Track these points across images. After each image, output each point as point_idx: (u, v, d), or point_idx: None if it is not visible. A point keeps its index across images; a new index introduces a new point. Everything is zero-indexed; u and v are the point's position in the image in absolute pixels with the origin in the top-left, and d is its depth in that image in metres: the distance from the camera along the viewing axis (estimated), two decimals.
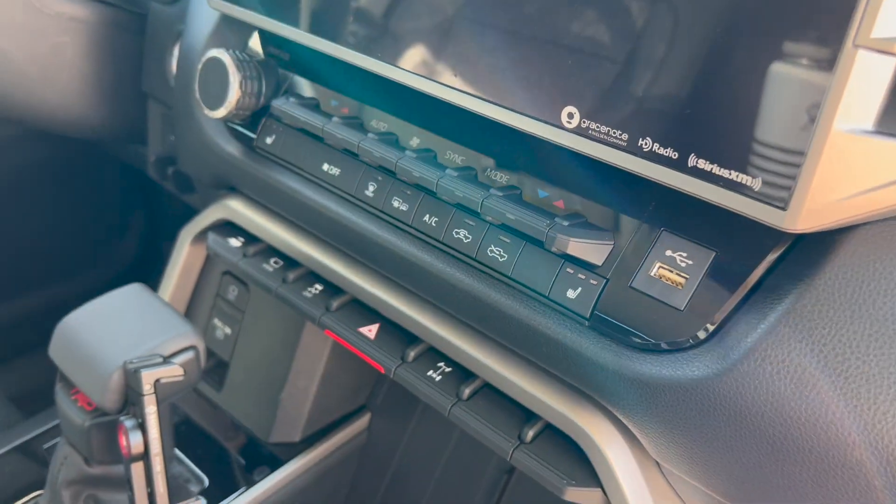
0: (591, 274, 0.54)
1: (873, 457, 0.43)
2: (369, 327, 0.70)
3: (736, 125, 0.44)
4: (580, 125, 0.51)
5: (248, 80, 0.72)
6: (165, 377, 0.62)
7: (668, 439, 0.52)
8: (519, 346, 0.59)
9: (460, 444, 0.85)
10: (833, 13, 0.40)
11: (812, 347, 0.45)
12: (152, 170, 1.05)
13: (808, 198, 0.42)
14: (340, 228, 0.68)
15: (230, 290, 0.87)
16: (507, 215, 0.55)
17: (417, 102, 0.63)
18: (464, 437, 0.85)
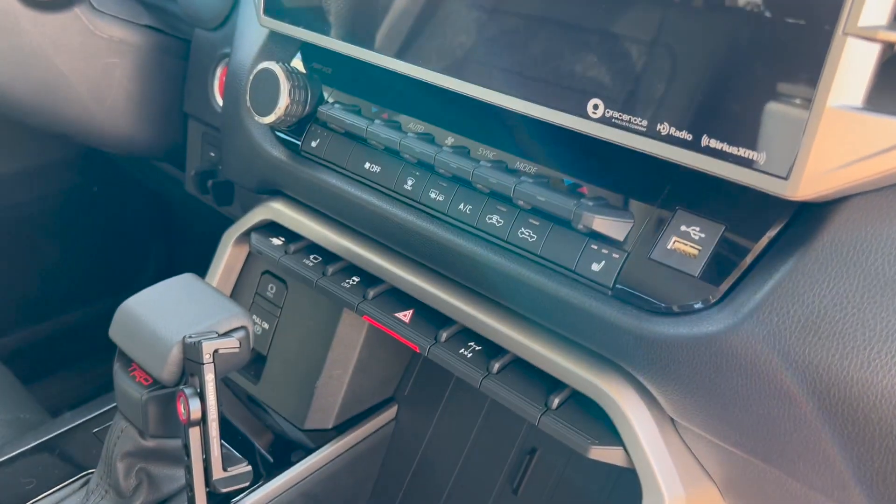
0: (613, 248, 0.60)
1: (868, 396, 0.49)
2: (404, 313, 0.76)
3: (742, 107, 0.51)
4: (605, 115, 0.58)
5: (296, 90, 0.79)
6: (223, 348, 0.67)
7: (684, 395, 0.58)
8: (547, 318, 0.65)
9: (483, 430, 0.90)
10: (825, 6, 0.47)
11: (813, 300, 0.51)
12: (192, 184, 1.12)
13: (806, 168, 0.49)
14: (381, 221, 0.75)
15: (269, 287, 0.93)
16: (537, 197, 0.62)
17: (451, 103, 0.70)
18: (486, 425, 0.90)
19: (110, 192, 1.76)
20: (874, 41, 0.46)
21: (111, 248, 1.79)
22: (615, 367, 0.63)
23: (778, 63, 0.49)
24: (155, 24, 1.10)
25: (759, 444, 0.57)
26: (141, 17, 1.09)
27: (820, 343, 0.50)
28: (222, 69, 1.06)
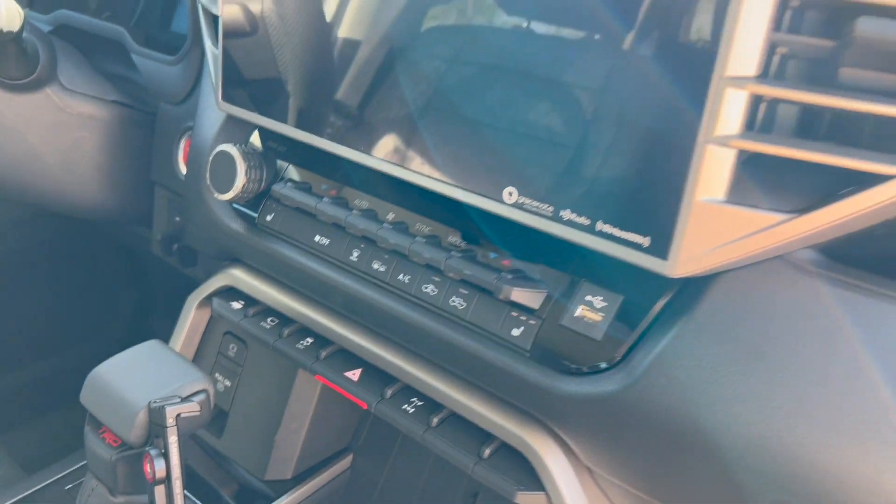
0: (530, 315, 0.68)
1: (737, 443, 0.57)
2: (353, 372, 0.84)
3: (629, 199, 0.60)
4: (518, 201, 0.66)
5: (252, 169, 0.87)
6: (185, 412, 0.74)
7: (594, 446, 0.66)
8: (476, 377, 0.73)
9: (431, 476, 0.97)
10: (688, 119, 0.56)
11: (692, 363, 0.59)
12: (158, 247, 1.19)
13: (681, 251, 0.58)
14: (330, 289, 0.83)
15: (230, 347, 1.00)
16: (464, 271, 0.70)
17: (393, 183, 0.78)
18: (434, 471, 0.97)
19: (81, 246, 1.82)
20: (729, 147, 0.55)
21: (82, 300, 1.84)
22: (538, 421, 0.71)
23: (657, 164, 0.58)
24: (122, 99, 1.18)
25: (664, 490, 0.65)
26: (108, 94, 1.16)
27: (697, 401, 0.58)
28: (186, 140, 1.13)
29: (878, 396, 0.53)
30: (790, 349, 0.56)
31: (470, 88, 0.68)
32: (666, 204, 0.58)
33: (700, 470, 0.60)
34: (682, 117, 0.56)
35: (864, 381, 0.54)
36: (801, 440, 0.55)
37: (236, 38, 0.87)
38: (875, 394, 0.53)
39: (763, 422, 0.57)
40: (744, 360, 0.58)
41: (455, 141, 0.69)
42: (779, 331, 0.57)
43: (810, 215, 0.55)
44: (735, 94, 0.54)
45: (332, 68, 0.78)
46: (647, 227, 0.59)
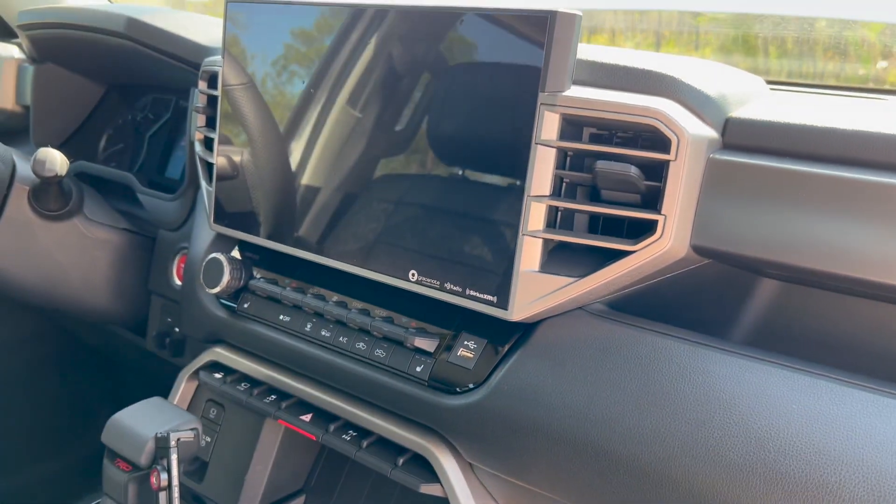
0: (428, 357, 1.00)
1: (554, 428, 0.88)
2: (306, 416, 1.13)
3: (485, 273, 0.94)
4: (418, 279, 1.00)
5: (235, 270, 1.20)
6: (184, 437, 1.03)
7: (471, 445, 0.96)
8: (392, 405, 1.03)
9: None
10: (514, 221, 0.91)
11: (525, 377, 0.91)
12: (152, 342, 1.49)
13: (515, 303, 0.91)
14: (290, 353, 1.14)
15: (211, 411, 1.28)
16: (383, 329, 1.02)
17: (333, 276, 1.12)
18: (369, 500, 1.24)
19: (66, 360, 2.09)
20: (536, 237, 0.91)
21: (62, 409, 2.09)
22: (435, 433, 1.01)
23: (499, 251, 0.93)
24: (129, 227, 1.52)
25: (521, 471, 0.95)
26: (120, 223, 1.50)
27: (529, 400, 0.90)
28: (179, 258, 1.46)
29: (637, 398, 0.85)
30: (582, 363, 0.89)
31: (381, 202, 1.04)
32: (505, 274, 0.92)
33: (537, 451, 0.91)
34: (511, 221, 0.92)
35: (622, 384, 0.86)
36: (592, 424, 0.86)
37: (224, 179, 1.22)
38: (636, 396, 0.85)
39: (565, 411, 0.88)
40: (554, 370, 0.90)
41: (375, 238, 1.04)
42: (577, 352, 0.90)
43: (588, 277, 0.89)
44: (537, 206, 0.90)
45: (291, 199, 1.13)
46: (495, 290, 0.93)
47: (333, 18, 1.07)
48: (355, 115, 1.06)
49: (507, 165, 0.92)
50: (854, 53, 1.61)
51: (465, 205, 0.96)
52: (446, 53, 0.97)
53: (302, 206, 1.12)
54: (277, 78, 1.15)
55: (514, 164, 0.91)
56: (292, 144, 1.13)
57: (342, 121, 1.07)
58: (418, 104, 0.99)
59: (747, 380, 0.82)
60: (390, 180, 1.03)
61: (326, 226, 1.09)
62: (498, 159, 0.93)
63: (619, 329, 0.90)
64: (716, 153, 0.88)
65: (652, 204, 0.88)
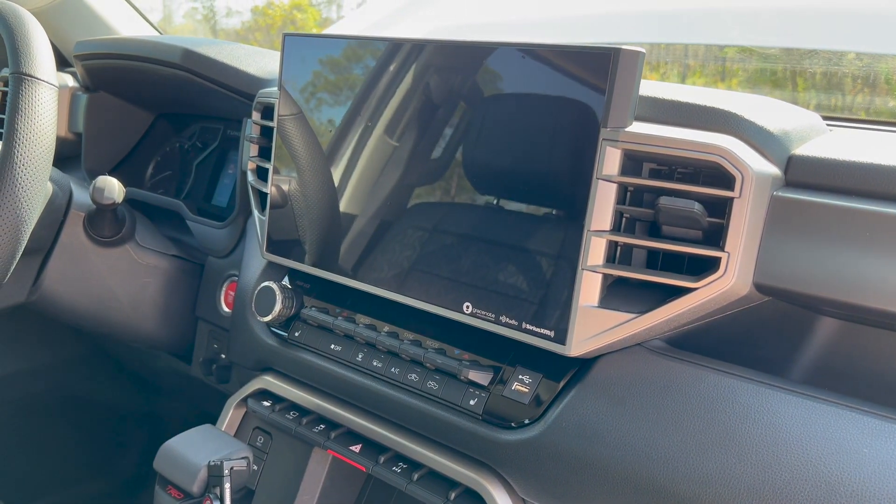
0: (481, 390, 1.00)
1: (614, 466, 0.87)
2: (356, 446, 1.13)
3: (542, 307, 0.94)
4: (472, 311, 1.00)
5: (286, 299, 1.21)
6: (237, 466, 1.03)
7: (526, 480, 0.95)
8: (444, 437, 1.03)
9: None
10: (572, 256, 0.91)
11: (584, 413, 0.91)
12: (198, 368, 1.50)
13: (574, 338, 0.91)
14: (340, 383, 1.14)
15: (258, 438, 1.28)
16: (436, 360, 1.02)
17: (386, 307, 1.12)
18: None
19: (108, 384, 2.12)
20: (596, 272, 0.90)
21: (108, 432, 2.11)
22: (488, 469, 1.00)
23: (557, 285, 0.93)
24: (179, 253, 1.54)
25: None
26: (170, 249, 1.52)
27: (585, 439, 0.89)
28: (228, 285, 1.48)
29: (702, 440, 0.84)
30: (643, 401, 0.88)
31: (437, 235, 1.04)
32: (563, 309, 0.92)
33: (595, 490, 0.90)
34: (570, 255, 0.92)
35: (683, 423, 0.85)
36: (654, 463, 0.85)
37: (275, 208, 1.24)
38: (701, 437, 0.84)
39: (625, 450, 0.87)
40: (614, 408, 0.89)
41: (429, 269, 1.04)
42: (637, 389, 0.89)
43: (649, 314, 0.88)
44: (597, 241, 0.90)
45: (343, 228, 1.14)
46: (553, 324, 0.93)
47: (391, 54, 1.09)
48: (412, 146, 1.07)
49: (566, 199, 0.92)
50: (884, 86, 1.62)
51: (521, 238, 0.96)
52: (506, 87, 0.98)
53: (354, 236, 1.13)
54: (327, 109, 1.17)
55: (573, 199, 0.91)
56: (344, 174, 1.14)
57: (395, 151, 1.09)
58: (478, 138, 1.00)
59: (815, 421, 0.80)
60: (444, 212, 1.04)
61: (378, 255, 1.10)
62: (557, 193, 0.93)
63: (679, 367, 0.89)
64: (779, 191, 0.87)
65: (714, 241, 0.87)
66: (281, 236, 1.24)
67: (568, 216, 0.92)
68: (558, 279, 0.93)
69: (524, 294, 0.95)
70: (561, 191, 0.93)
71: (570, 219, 0.91)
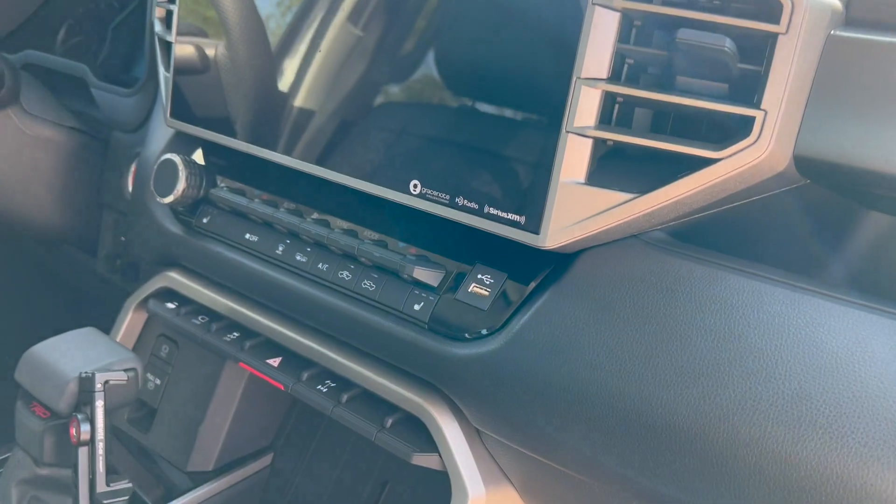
0: (430, 292, 0.78)
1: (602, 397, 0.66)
2: (275, 360, 0.91)
3: (508, 184, 0.71)
4: (421, 191, 0.77)
5: (192, 176, 0.96)
6: (113, 380, 0.81)
7: (480, 407, 0.75)
8: (382, 351, 0.81)
9: (344, 471, 1.03)
10: (552, 112, 0.68)
11: (559, 320, 0.69)
12: (102, 264, 1.26)
13: (550, 225, 0.68)
14: (258, 281, 0.91)
15: (162, 348, 1.06)
16: (374, 255, 0.80)
17: (315, 187, 0.88)
18: (347, 467, 1.03)
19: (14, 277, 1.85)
20: (586, 137, 0.67)
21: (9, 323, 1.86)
22: (435, 390, 0.79)
23: (530, 154, 0.70)
24: (78, 126, 1.27)
25: (539, 444, 0.73)
26: (66, 120, 1.26)
27: (559, 355, 0.68)
28: (136, 165, 1.22)
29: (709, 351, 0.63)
30: (638, 307, 0.67)
31: (377, 101, 0.80)
32: (537, 187, 0.69)
33: (569, 419, 0.69)
34: (550, 113, 0.68)
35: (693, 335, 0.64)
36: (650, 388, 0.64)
37: (190, 71, 0.98)
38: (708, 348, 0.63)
39: (611, 370, 0.66)
40: (599, 316, 0.68)
41: (367, 142, 0.80)
42: (629, 294, 0.67)
43: (652, 194, 0.66)
44: (590, 92, 0.66)
45: (262, 88, 0.89)
46: (523, 207, 0.70)
47: None
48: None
49: (548, 36, 0.68)
50: None
51: (484, 93, 0.72)
52: None
53: (280, 102, 0.88)
54: None
55: (560, 32, 0.67)
56: (283, 44, 0.89)
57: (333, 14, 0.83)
58: None
59: (867, 337, 0.59)
60: (390, 67, 0.79)
61: (307, 125, 0.85)
62: (537, 28, 0.69)
63: (687, 265, 0.67)
64: (839, 29, 0.64)
65: (746, 97, 0.64)
66: (193, 101, 0.98)
67: (551, 56, 0.68)
68: (532, 147, 0.69)
69: (487, 168, 0.72)
70: (543, 24, 0.68)
71: (553, 60, 0.67)
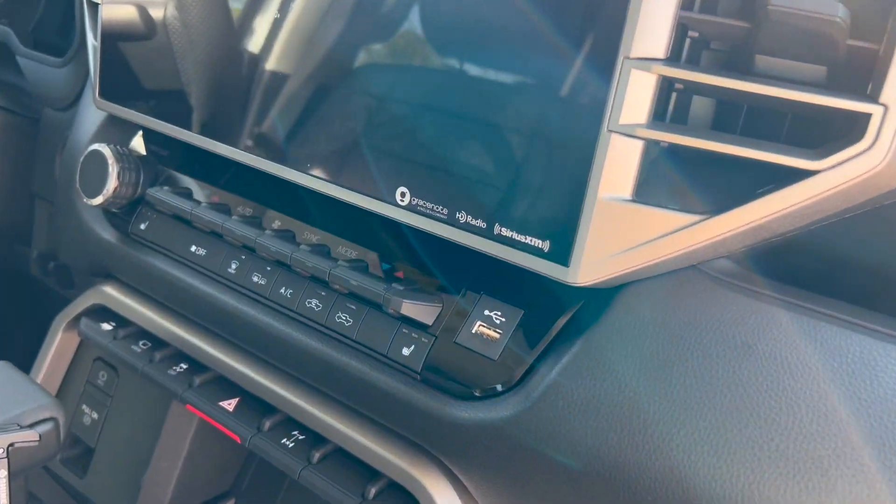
0: (422, 333, 0.60)
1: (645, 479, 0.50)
2: (229, 401, 0.74)
3: (527, 199, 0.53)
4: (410, 202, 0.59)
5: (126, 171, 0.78)
6: (20, 441, 0.63)
7: (488, 480, 0.58)
8: (362, 404, 0.64)
9: None
10: (591, 104, 0.50)
11: (594, 383, 0.52)
12: (34, 266, 1.07)
13: (584, 255, 0.51)
14: (206, 305, 0.73)
15: (100, 375, 0.88)
16: (350, 282, 0.62)
17: (280, 187, 0.70)
18: None
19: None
20: (635, 138, 0.49)
21: None
22: (429, 455, 0.62)
23: (557, 159, 0.52)
24: (3, 103, 1.07)
25: None
26: None
27: (599, 426, 0.51)
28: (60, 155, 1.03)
29: (802, 430, 0.46)
30: (704, 370, 0.50)
31: (356, 84, 0.62)
32: (567, 203, 0.51)
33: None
34: (585, 104, 0.50)
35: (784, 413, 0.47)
36: (717, 480, 0.48)
37: (117, 29, 0.78)
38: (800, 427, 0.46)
39: (675, 453, 0.50)
40: (652, 381, 0.51)
41: (344, 138, 0.62)
42: (692, 349, 0.50)
43: (725, 216, 0.49)
44: (642, 78, 0.48)
45: (217, 61, 0.71)
46: (547, 230, 0.52)
47: None
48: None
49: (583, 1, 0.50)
50: None
51: (495, 74, 0.54)
52: None
53: (239, 81, 0.69)
54: None
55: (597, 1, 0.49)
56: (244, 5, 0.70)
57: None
58: None
59: None
60: (377, 36, 0.61)
61: (272, 112, 0.67)
62: None
63: (770, 312, 0.50)
64: None
65: (852, 85, 0.47)
66: (125, 74, 0.79)
67: (587, 29, 0.50)
68: (559, 150, 0.52)
69: (498, 176, 0.54)
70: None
71: (591, 34, 0.49)
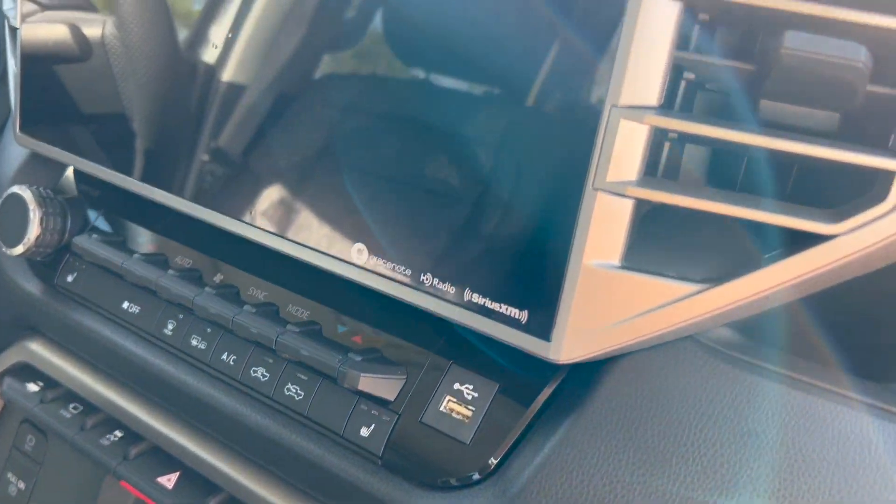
0: (384, 410, 0.53)
1: None
2: (168, 476, 0.66)
3: (503, 263, 0.46)
4: (368, 262, 0.52)
5: (50, 217, 0.69)
6: None
7: None
8: (314, 489, 0.56)
9: None
10: (574, 159, 0.43)
11: (582, 477, 0.45)
12: None
13: (567, 329, 0.44)
14: (138, 370, 0.65)
15: (28, 440, 0.79)
16: (300, 352, 0.54)
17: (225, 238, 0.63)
18: None
19: None
20: (625, 196, 0.43)
21: None
22: None
23: (537, 219, 0.45)
24: None
25: None
26: None
27: None
28: None
29: None
30: (705, 457, 0.43)
31: (312, 125, 0.54)
32: (548, 268, 0.45)
33: None
34: (568, 158, 0.44)
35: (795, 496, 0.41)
36: None
37: (43, 51, 0.70)
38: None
39: None
40: (647, 471, 0.44)
41: (296, 186, 0.55)
42: (692, 438, 0.44)
43: (729, 286, 0.43)
44: (632, 129, 0.42)
45: (159, 95, 0.63)
46: (526, 298, 0.46)
47: None
48: None
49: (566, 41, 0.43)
50: None
51: (467, 118, 0.48)
52: None
53: (183, 124, 0.62)
54: None
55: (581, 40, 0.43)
56: (189, 19, 0.62)
57: None
58: None
59: None
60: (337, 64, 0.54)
61: (215, 154, 0.59)
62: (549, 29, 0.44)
63: (779, 391, 0.44)
64: None
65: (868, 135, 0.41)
66: (50, 106, 0.71)
67: (571, 71, 0.43)
68: (539, 208, 0.45)
69: (469, 235, 0.48)
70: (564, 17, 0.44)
71: (574, 77, 0.43)
